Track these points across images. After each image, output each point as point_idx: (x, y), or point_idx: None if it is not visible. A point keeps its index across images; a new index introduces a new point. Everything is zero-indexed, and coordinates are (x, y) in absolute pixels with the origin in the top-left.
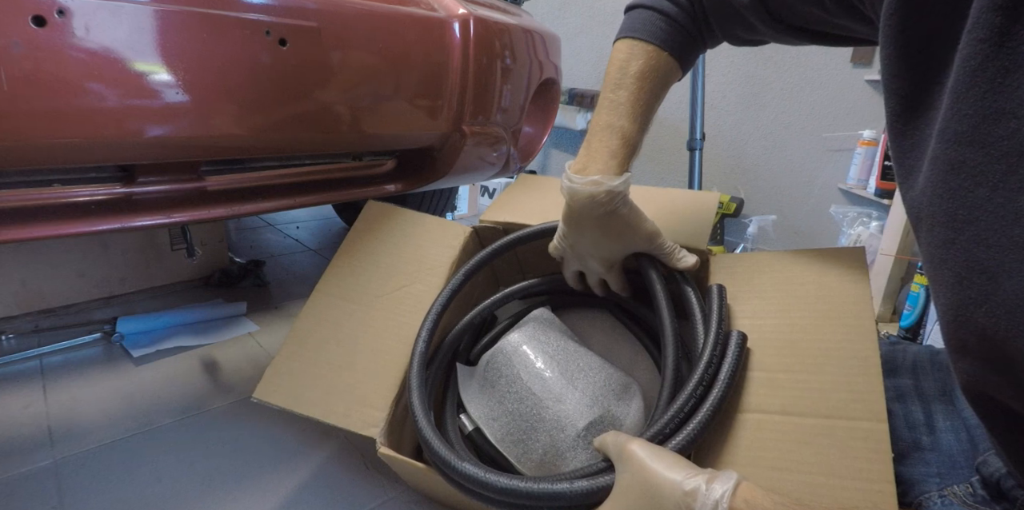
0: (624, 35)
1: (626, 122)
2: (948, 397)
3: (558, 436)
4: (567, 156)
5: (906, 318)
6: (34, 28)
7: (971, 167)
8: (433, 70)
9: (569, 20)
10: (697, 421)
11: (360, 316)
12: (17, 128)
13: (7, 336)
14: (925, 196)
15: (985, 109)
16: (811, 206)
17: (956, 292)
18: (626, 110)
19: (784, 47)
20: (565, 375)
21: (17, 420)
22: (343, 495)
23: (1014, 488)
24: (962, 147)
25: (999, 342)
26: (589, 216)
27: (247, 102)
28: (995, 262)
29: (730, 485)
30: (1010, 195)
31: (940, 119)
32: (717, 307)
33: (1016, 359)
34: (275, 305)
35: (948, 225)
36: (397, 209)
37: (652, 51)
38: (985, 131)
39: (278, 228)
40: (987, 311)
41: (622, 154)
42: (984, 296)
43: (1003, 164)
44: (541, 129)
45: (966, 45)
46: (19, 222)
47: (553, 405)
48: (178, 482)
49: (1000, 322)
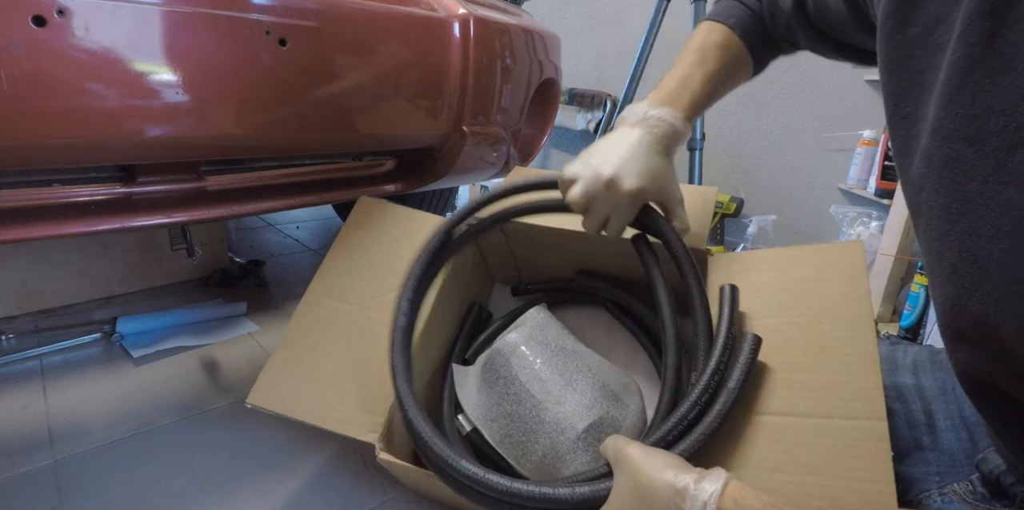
0: (706, 17)
1: (697, 82)
2: (948, 396)
3: (558, 438)
4: (567, 156)
5: (906, 318)
6: (34, 28)
7: (963, 162)
8: (433, 70)
9: (569, 20)
10: (701, 431)
11: (355, 318)
12: (17, 128)
13: (7, 336)
14: (923, 191)
15: (976, 107)
16: (811, 206)
17: (951, 282)
18: (700, 73)
19: None
20: (564, 376)
21: (17, 420)
22: (343, 495)
23: (1014, 484)
24: (955, 144)
25: (991, 328)
26: (650, 146)
27: (247, 102)
28: (985, 251)
29: (719, 485)
30: (999, 188)
31: (933, 118)
32: (729, 310)
33: (1008, 345)
34: (275, 305)
35: (943, 217)
36: (389, 205)
37: (726, 31)
38: (976, 128)
39: (278, 228)
40: (979, 299)
41: (690, 107)
42: (976, 284)
43: (992, 159)
44: (541, 129)
45: (957, 48)
46: (19, 222)
47: (552, 407)
48: (178, 482)
49: (990, 309)
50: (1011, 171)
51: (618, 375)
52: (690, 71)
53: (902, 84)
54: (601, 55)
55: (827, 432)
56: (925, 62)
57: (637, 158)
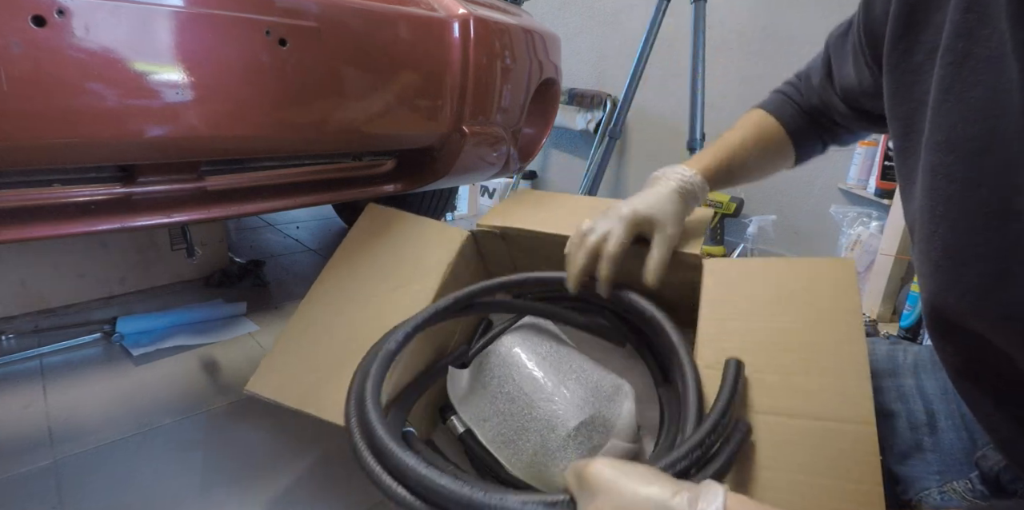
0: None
1: (719, 147)
2: (949, 396)
3: (548, 436)
4: (567, 156)
5: (906, 318)
6: (34, 28)
7: (945, 168)
8: (433, 70)
9: (569, 20)
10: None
11: (355, 314)
12: (17, 128)
13: (7, 336)
14: (919, 201)
15: (954, 119)
16: (811, 206)
17: (934, 279)
18: (721, 142)
19: (783, 45)
20: (557, 375)
21: (17, 420)
22: (341, 494)
23: (1013, 481)
24: (940, 153)
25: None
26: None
27: (247, 102)
28: (960, 247)
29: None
30: (974, 189)
31: (926, 133)
32: (731, 384)
33: (987, 338)
34: (275, 305)
35: (930, 220)
36: (397, 212)
37: (766, 116)
38: (955, 137)
39: (278, 228)
40: (957, 294)
41: (712, 167)
42: (954, 280)
43: (967, 163)
44: (541, 129)
45: (940, 68)
46: (19, 222)
47: (544, 405)
48: (178, 482)
49: (966, 303)
50: (982, 173)
51: (611, 378)
52: (715, 143)
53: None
54: (601, 55)
55: (817, 433)
56: (919, 87)
57: (643, 194)
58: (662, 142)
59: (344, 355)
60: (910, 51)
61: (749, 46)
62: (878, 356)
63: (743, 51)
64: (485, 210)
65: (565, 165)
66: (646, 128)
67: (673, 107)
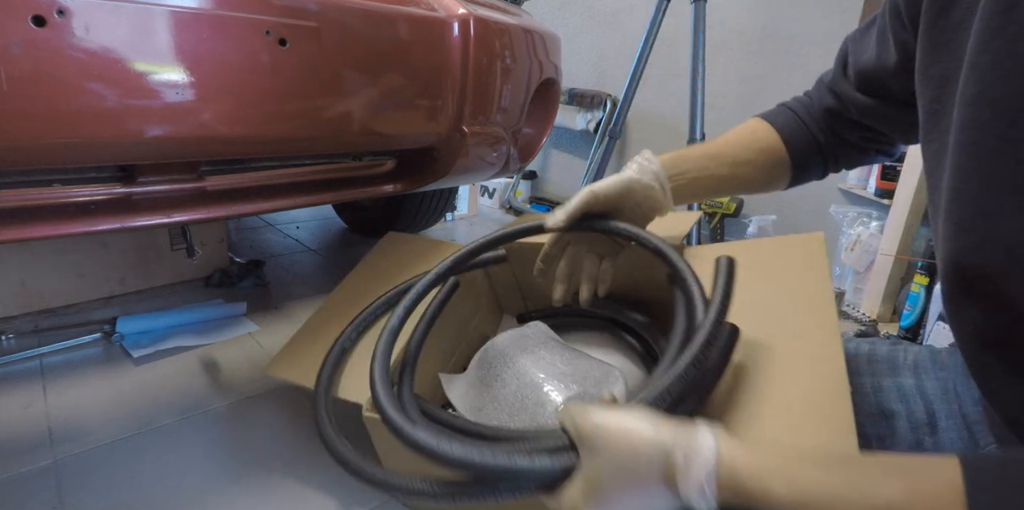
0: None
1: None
2: (950, 396)
3: (538, 411)
4: (567, 156)
5: (906, 318)
6: (34, 28)
7: (981, 122)
8: (433, 70)
9: (569, 20)
10: None
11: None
12: (17, 128)
13: (7, 336)
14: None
15: (995, 71)
16: (811, 206)
17: (956, 239)
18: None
19: (783, 45)
20: (550, 362)
21: (17, 420)
22: (343, 494)
23: None
24: (975, 106)
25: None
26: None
27: (246, 102)
28: (996, 205)
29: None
30: (1013, 145)
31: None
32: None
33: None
34: (275, 305)
35: (957, 176)
36: (414, 238)
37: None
38: (994, 91)
39: (278, 228)
40: (985, 253)
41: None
42: (984, 238)
43: (1007, 118)
44: (541, 129)
45: (981, 20)
46: (19, 222)
47: (535, 385)
48: (178, 482)
49: (996, 259)
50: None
51: (603, 367)
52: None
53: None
54: (601, 55)
55: (789, 369)
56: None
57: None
58: (662, 142)
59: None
60: (947, 10)
61: (749, 46)
62: (878, 356)
63: (743, 51)
64: (485, 210)
65: (565, 165)
66: (646, 128)
67: (673, 107)
